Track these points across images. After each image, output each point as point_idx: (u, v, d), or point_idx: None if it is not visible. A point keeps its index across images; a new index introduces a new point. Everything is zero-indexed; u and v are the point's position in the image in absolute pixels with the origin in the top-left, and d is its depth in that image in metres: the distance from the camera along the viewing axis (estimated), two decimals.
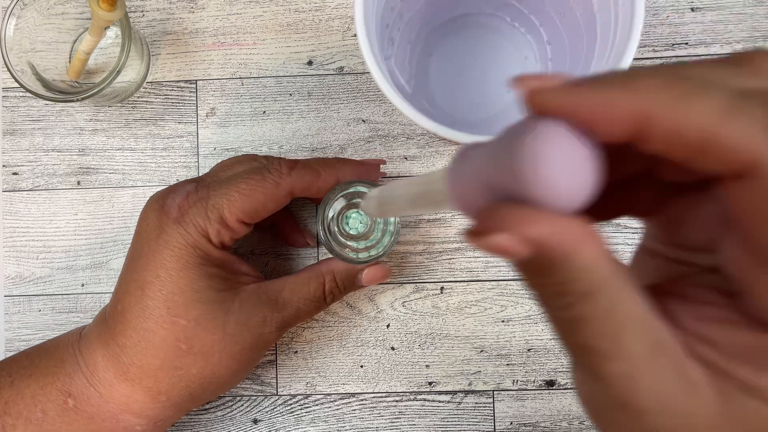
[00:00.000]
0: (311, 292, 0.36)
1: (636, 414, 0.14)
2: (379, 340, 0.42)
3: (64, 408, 0.33)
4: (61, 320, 0.42)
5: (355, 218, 0.37)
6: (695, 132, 0.13)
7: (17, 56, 0.38)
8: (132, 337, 0.33)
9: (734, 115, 0.13)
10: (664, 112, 0.13)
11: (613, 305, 0.14)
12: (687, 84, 0.13)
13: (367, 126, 0.42)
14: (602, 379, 0.14)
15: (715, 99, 0.13)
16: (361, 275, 0.37)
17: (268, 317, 0.34)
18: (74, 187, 0.43)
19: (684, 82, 0.13)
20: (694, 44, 0.41)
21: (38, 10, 0.39)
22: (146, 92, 0.43)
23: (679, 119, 0.13)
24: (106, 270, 0.43)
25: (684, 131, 0.13)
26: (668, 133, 0.13)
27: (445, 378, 0.41)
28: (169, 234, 0.33)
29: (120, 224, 0.43)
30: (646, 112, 0.13)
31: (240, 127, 0.43)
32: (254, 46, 0.43)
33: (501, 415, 0.41)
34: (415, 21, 0.40)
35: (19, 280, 0.43)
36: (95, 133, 0.43)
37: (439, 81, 0.42)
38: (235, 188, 0.33)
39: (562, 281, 0.14)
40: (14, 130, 0.43)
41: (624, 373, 0.14)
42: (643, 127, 0.13)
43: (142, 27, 0.43)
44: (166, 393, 0.33)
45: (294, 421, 0.42)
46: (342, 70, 0.42)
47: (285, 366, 0.42)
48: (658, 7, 0.42)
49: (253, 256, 0.42)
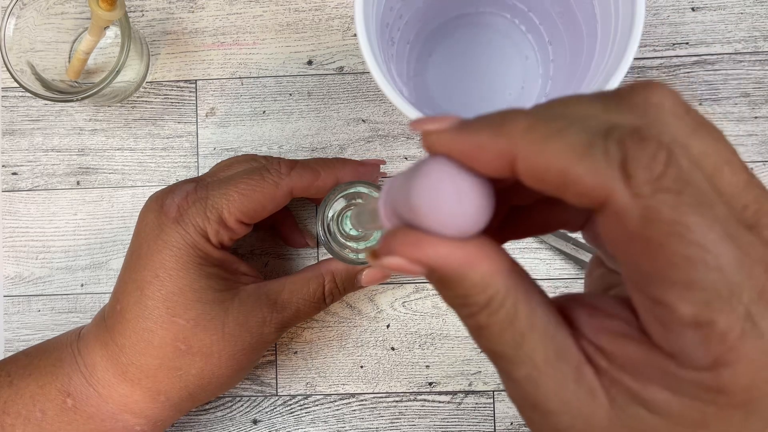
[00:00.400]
0: (311, 292, 0.36)
1: (544, 413, 0.16)
2: (379, 340, 0.42)
3: (63, 408, 0.33)
4: (60, 320, 0.42)
5: None
6: (552, 171, 0.14)
7: (17, 56, 0.38)
8: (131, 337, 0.33)
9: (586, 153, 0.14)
10: (525, 154, 0.14)
11: (512, 315, 0.15)
12: (551, 125, 0.14)
13: (367, 126, 0.42)
14: (512, 380, 0.16)
15: (572, 138, 0.14)
16: (361, 276, 0.37)
17: (267, 317, 0.34)
18: (74, 187, 0.43)
19: (548, 123, 0.14)
20: (694, 44, 0.41)
21: (38, 10, 0.39)
22: (146, 92, 0.43)
23: (537, 159, 0.14)
24: (106, 270, 0.43)
25: (543, 171, 0.14)
26: (531, 172, 0.14)
27: (446, 378, 0.41)
28: (168, 234, 0.33)
29: (119, 224, 0.43)
30: (512, 153, 0.15)
31: (239, 127, 0.43)
32: (254, 46, 0.43)
33: (501, 415, 0.41)
34: (414, 21, 0.40)
35: (18, 280, 0.43)
36: (95, 133, 0.43)
37: (439, 81, 0.42)
38: (234, 188, 0.33)
39: (463, 294, 0.16)
40: (13, 130, 0.43)
41: (529, 377, 0.16)
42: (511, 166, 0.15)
43: (142, 27, 0.43)
44: (165, 393, 0.33)
45: (294, 422, 0.41)
46: (342, 69, 0.42)
47: (285, 366, 0.42)
48: (659, 6, 0.42)
49: (252, 256, 0.42)
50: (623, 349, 0.15)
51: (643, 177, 0.13)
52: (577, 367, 0.15)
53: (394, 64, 0.39)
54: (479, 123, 0.15)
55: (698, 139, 0.14)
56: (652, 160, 0.13)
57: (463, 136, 0.15)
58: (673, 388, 0.14)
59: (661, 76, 0.41)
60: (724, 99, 0.41)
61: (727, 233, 0.13)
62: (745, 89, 0.41)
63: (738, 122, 0.41)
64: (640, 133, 0.14)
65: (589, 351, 0.16)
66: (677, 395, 0.14)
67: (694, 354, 0.14)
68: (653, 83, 0.15)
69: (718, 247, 0.13)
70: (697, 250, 0.13)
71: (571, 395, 0.15)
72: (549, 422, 0.16)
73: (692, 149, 0.14)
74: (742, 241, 0.13)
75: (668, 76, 0.41)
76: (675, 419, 0.14)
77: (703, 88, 0.41)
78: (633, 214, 0.13)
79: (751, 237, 0.14)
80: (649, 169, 0.13)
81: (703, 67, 0.41)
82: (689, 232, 0.13)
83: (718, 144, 0.15)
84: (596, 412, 0.15)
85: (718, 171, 0.14)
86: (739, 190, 0.14)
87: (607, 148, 0.13)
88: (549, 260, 0.41)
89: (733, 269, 0.13)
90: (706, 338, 0.13)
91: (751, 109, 0.41)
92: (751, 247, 0.13)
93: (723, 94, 0.41)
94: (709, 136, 0.15)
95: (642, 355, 0.15)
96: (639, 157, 0.13)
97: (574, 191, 0.14)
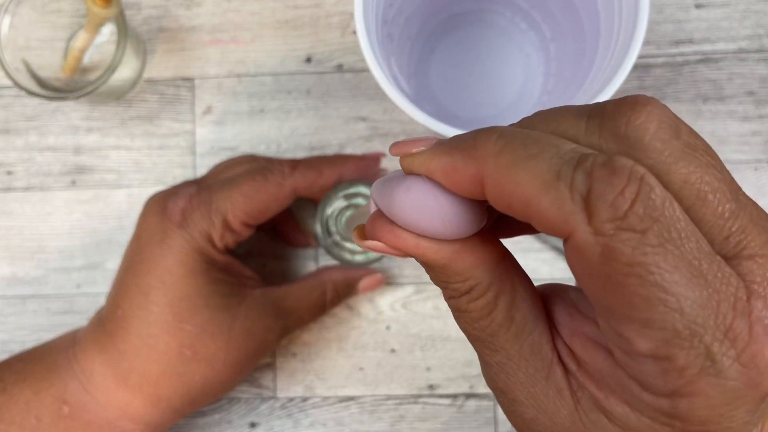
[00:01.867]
0: (313, 301, 0.36)
1: (512, 401, 0.16)
2: (379, 342, 0.41)
3: (59, 415, 0.32)
4: (56, 321, 0.42)
5: None
6: (518, 200, 0.14)
7: (11, 54, 0.37)
8: (134, 343, 0.32)
9: (550, 186, 0.13)
10: (492, 179, 0.14)
11: (491, 306, 0.16)
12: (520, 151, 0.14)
13: (367, 124, 0.42)
14: (486, 364, 0.17)
15: (541, 167, 0.14)
16: (359, 284, 0.38)
17: (272, 325, 0.35)
18: (69, 186, 0.42)
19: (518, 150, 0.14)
20: (698, 41, 0.41)
21: (33, 8, 0.38)
22: (142, 90, 0.42)
23: (503, 186, 0.14)
24: (102, 270, 0.42)
25: (508, 198, 0.14)
26: (496, 198, 0.14)
27: (446, 381, 0.41)
28: (173, 239, 0.32)
29: (115, 224, 0.42)
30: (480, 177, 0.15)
31: (237, 125, 0.42)
32: (252, 43, 0.42)
33: (503, 418, 0.40)
34: (415, 18, 0.39)
35: (13, 280, 0.42)
36: (90, 132, 0.42)
37: (441, 79, 0.42)
38: (237, 190, 0.33)
39: (444, 280, 0.17)
40: (8, 129, 0.43)
41: (501, 365, 0.16)
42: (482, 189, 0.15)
43: (138, 24, 0.42)
44: (167, 399, 0.33)
45: (292, 425, 0.41)
46: (341, 67, 0.42)
47: (283, 369, 0.41)
48: (663, 3, 0.41)
49: (250, 257, 0.42)
50: (592, 357, 0.15)
51: (605, 215, 0.13)
52: (549, 365, 0.16)
53: (395, 61, 0.39)
54: (452, 145, 0.15)
55: (684, 165, 0.14)
56: (619, 196, 0.13)
57: (437, 159, 0.15)
58: (632, 405, 0.14)
59: (665, 74, 0.41)
60: (729, 97, 0.41)
61: (694, 272, 0.13)
62: (750, 87, 0.40)
63: (743, 121, 0.40)
64: (612, 165, 0.13)
65: (561, 351, 0.16)
66: (636, 412, 0.14)
67: (653, 382, 0.14)
68: (641, 101, 0.14)
69: (680, 289, 0.13)
70: (656, 291, 0.13)
71: (539, 390, 0.16)
72: (516, 410, 0.17)
73: (674, 176, 0.14)
74: (712, 278, 0.13)
75: (672, 74, 0.41)
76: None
77: (707, 87, 0.41)
78: (593, 252, 0.13)
79: (726, 270, 0.13)
80: (612, 207, 0.13)
81: (707, 65, 0.41)
82: (649, 274, 0.13)
83: (706, 170, 0.14)
84: (561, 411, 0.16)
85: (700, 200, 0.14)
86: (723, 220, 0.14)
87: (573, 181, 0.13)
88: (551, 261, 0.41)
89: (695, 310, 0.13)
90: (664, 371, 0.13)
91: (756, 108, 0.40)
92: (723, 282, 0.13)
93: (727, 92, 0.41)
94: (695, 162, 0.14)
95: (607, 367, 0.15)
96: (604, 193, 0.13)
97: (537, 221, 0.14)
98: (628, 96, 0.15)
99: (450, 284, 0.16)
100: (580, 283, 0.14)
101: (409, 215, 0.16)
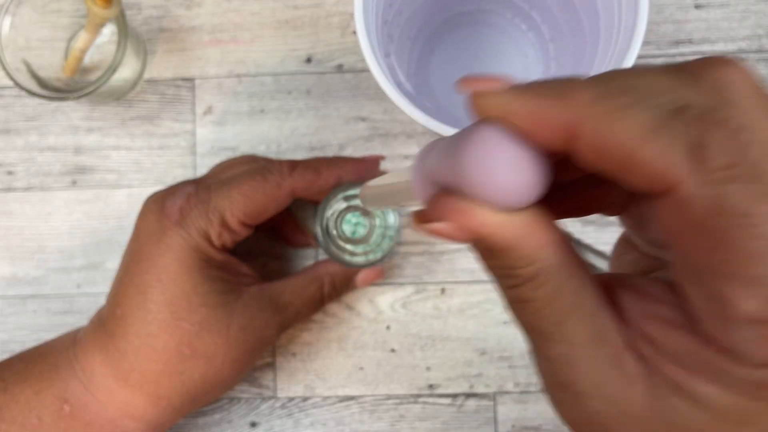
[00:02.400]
0: (311, 294, 0.36)
1: (575, 395, 0.15)
2: (379, 342, 0.41)
3: (60, 415, 0.32)
4: (56, 321, 0.42)
5: (354, 221, 0.37)
6: (618, 149, 0.13)
7: (12, 54, 0.37)
8: (133, 342, 0.32)
9: (657, 134, 0.13)
10: (590, 127, 0.13)
11: (556, 292, 0.15)
12: (619, 99, 0.13)
13: (367, 124, 0.42)
14: (546, 358, 0.15)
15: (642, 115, 0.13)
16: (356, 278, 0.38)
17: (270, 319, 0.34)
18: (69, 186, 0.42)
19: (617, 97, 0.13)
20: (698, 42, 0.41)
21: (33, 8, 0.38)
22: (142, 90, 0.42)
23: (604, 135, 0.13)
24: (102, 271, 0.42)
25: (607, 148, 0.13)
26: (593, 148, 0.13)
27: (446, 381, 0.41)
28: (171, 237, 0.32)
29: (116, 224, 0.42)
30: (575, 125, 0.13)
31: (237, 125, 0.42)
32: (252, 43, 0.42)
33: (503, 418, 0.40)
34: (415, 18, 0.39)
35: (13, 280, 0.42)
36: (90, 132, 0.42)
37: (441, 78, 0.42)
38: (236, 189, 0.33)
39: (509, 265, 0.15)
40: (9, 129, 0.43)
41: (564, 356, 0.15)
42: (572, 139, 0.14)
43: (139, 24, 0.43)
44: (167, 398, 0.33)
45: (292, 425, 0.41)
46: (341, 67, 0.42)
47: (283, 368, 0.41)
48: (662, 4, 0.41)
49: (250, 257, 0.42)
50: (671, 337, 0.14)
51: (716, 164, 0.12)
52: (616, 352, 0.15)
53: (394, 61, 0.39)
54: (539, 89, 0.14)
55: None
56: (726, 145, 0.12)
57: (521, 101, 0.14)
58: (721, 382, 0.14)
59: None
60: None
61: None
62: None
63: None
64: (714, 115, 0.13)
65: (632, 336, 0.15)
66: (725, 389, 0.14)
67: (750, 350, 0.13)
68: (724, 59, 0.14)
69: None
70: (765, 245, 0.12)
71: (606, 380, 0.15)
72: (579, 404, 0.15)
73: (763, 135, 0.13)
74: None
75: None
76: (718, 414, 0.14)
77: None
78: (700, 203, 0.12)
79: None
80: (722, 155, 0.12)
81: None
82: (760, 225, 0.12)
83: None
84: (631, 400, 0.14)
85: None
86: None
87: (678, 130, 0.13)
88: None
89: None
90: (764, 336, 0.13)
91: None
92: None
93: None
94: None
95: (690, 346, 0.14)
96: (712, 142, 0.12)
97: (637, 174, 0.13)
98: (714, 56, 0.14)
99: (514, 270, 0.15)
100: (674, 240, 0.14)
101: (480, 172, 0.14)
